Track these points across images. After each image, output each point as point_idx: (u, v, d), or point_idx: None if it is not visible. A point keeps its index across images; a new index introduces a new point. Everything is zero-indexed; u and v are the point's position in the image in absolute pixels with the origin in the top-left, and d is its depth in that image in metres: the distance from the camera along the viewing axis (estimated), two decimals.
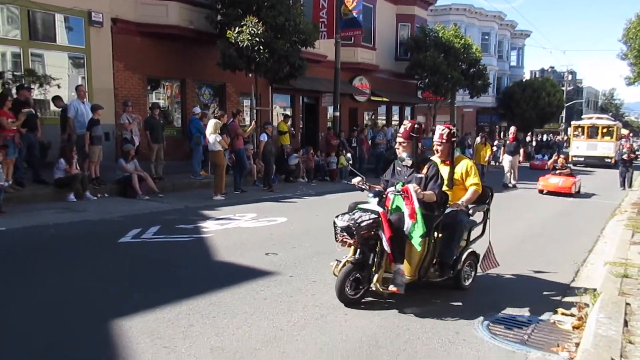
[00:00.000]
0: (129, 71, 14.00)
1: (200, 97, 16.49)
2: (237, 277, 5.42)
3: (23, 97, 10.05)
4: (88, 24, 12.92)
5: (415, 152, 4.89)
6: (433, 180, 4.76)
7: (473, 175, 5.26)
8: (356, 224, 4.46)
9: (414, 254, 4.70)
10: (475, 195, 5.20)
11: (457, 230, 4.98)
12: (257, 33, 13.13)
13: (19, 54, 11.97)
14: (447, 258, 4.95)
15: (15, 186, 9.35)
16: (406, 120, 4.80)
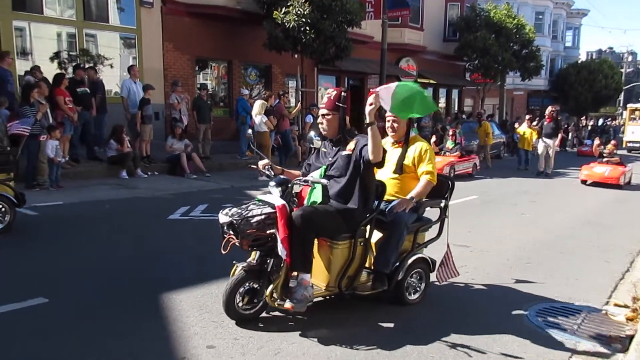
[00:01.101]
0: (178, 51, 14.25)
1: (246, 78, 16.63)
2: None
3: (79, 77, 10.41)
4: (139, 4, 13.20)
5: (343, 126, 3.91)
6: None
7: (427, 161, 4.25)
8: (242, 219, 3.52)
9: (334, 259, 3.81)
10: (428, 188, 4.20)
11: (395, 232, 4.00)
12: (303, 13, 13.08)
13: (74, 34, 12.38)
14: (382, 266, 4.01)
15: (71, 162, 9.75)
16: (331, 88, 3.94)
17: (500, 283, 4.98)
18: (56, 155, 8.48)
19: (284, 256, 3.53)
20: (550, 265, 5.70)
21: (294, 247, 3.56)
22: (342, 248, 3.80)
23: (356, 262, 3.89)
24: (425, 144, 4.38)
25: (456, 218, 7.94)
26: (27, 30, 11.72)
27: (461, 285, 4.86)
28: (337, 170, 3.85)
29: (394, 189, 4.29)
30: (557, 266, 5.69)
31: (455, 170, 12.74)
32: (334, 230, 3.79)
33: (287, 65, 16.26)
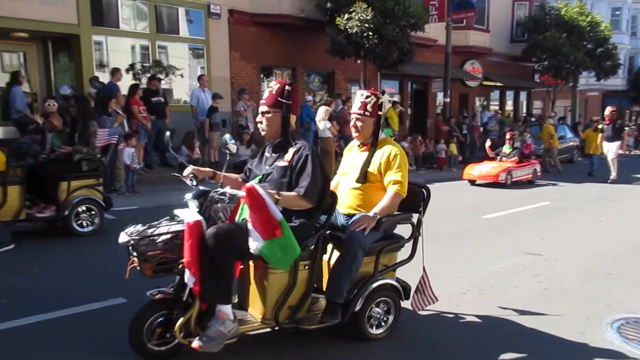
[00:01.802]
0: (244, 60, 14.63)
1: (309, 84, 16.82)
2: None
3: (154, 87, 10.94)
4: (207, 16, 13.68)
5: (285, 127, 3.24)
6: (305, 174, 3.12)
7: (396, 168, 3.50)
8: (142, 239, 2.95)
9: (270, 286, 3.17)
10: (395, 201, 3.48)
11: (348, 254, 3.31)
12: (366, 19, 13.09)
13: (147, 47, 13.01)
14: (333, 294, 3.33)
15: (145, 169, 10.24)
16: (274, 81, 3.37)
17: (576, 295, 4.74)
18: (132, 162, 8.94)
19: (190, 284, 2.93)
20: (635, 277, 5.34)
21: (205, 273, 2.92)
22: (279, 273, 3.15)
23: (299, 289, 3.24)
24: (397, 147, 3.62)
25: (527, 225, 7.70)
26: (105, 43, 12.43)
27: (534, 295, 4.67)
28: (272, 184, 3.18)
29: (356, 200, 3.58)
30: (633, 277, 5.34)
31: (513, 177, 12.14)
32: None
33: (350, 71, 16.31)
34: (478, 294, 4.63)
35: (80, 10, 11.35)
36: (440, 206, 9.18)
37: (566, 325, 3.99)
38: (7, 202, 5.62)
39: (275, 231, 2.85)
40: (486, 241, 6.65)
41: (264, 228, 2.86)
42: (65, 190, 6.01)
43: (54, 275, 4.88)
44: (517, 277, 5.16)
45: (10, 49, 12.08)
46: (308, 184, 3.09)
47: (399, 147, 3.66)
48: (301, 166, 3.14)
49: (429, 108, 20.85)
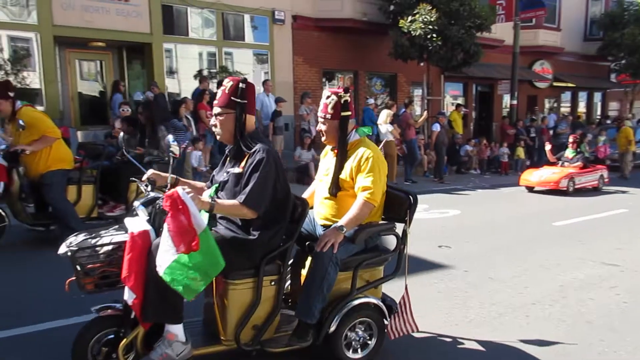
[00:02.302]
0: (307, 65, 14.79)
1: (371, 87, 16.77)
2: (410, 268, 5.40)
3: None
4: (272, 22, 13.95)
5: (240, 130, 2.92)
6: (251, 180, 2.82)
7: (366, 172, 3.15)
8: (81, 249, 2.69)
9: (230, 304, 2.89)
10: (365, 211, 3.12)
11: (317, 270, 3.01)
12: (430, 20, 12.89)
13: (214, 53, 13.43)
14: (302, 314, 3.04)
15: (211, 171, 10.55)
16: (227, 79, 3.00)
17: None
18: (199, 165, 9.24)
19: (130, 300, 2.65)
20: None
21: (150, 289, 2.64)
22: (241, 289, 2.89)
23: (264, 307, 2.96)
24: (371, 149, 3.22)
25: (602, 233, 7.28)
26: (174, 51, 12.96)
27: (612, 309, 4.40)
28: (227, 193, 2.93)
29: (330, 210, 3.28)
30: None
31: (575, 183, 11.22)
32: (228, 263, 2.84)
33: (412, 74, 16.11)
34: (549, 305, 4.43)
35: (152, 20, 11.90)
36: (503, 212, 8.91)
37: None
38: (80, 200, 5.97)
39: (192, 243, 2.49)
40: (557, 249, 6.34)
41: (180, 239, 2.50)
42: (135, 191, 6.28)
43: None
44: (592, 289, 4.89)
45: (89, 57, 12.83)
46: (250, 190, 2.78)
47: (374, 149, 3.27)
48: (250, 171, 2.83)
49: (495, 111, 20.22)
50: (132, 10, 11.59)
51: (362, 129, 3.38)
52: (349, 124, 3.27)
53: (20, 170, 5.62)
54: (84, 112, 12.40)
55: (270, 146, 2.96)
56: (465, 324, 4.01)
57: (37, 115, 5.51)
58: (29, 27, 10.66)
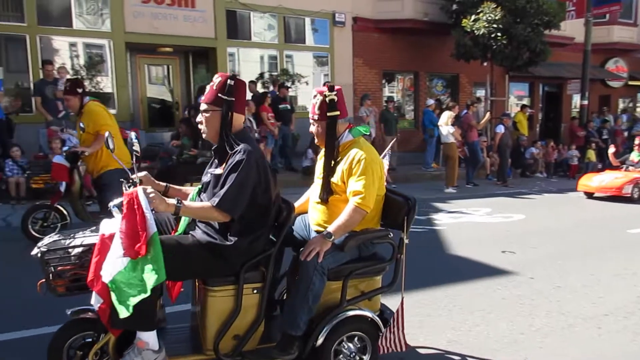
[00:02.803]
0: (367, 66, 14.75)
1: (432, 89, 16.50)
2: (472, 273, 5.30)
3: (282, 95, 11.48)
4: (332, 24, 14.02)
5: (226, 128, 2.77)
6: (227, 181, 2.67)
7: (357, 176, 2.95)
8: (55, 252, 2.63)
9: (209, 312, 2.76)
10: (355, 218, 2.92)
11: (303, 279, 2.86)
12: (494, 19, 12.52)
13: (275, 56, 13.66)
14: (287, 325, 2.89)
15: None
16: (217, 75, 2.86)
17: None
18: None
19: (96, 306, 2.52)
20: None
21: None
22: (220, 296, 2.75)
23: (246, 316, 2.79)
24: (364, 151, 2.99)
25: None
26: (237, 55, 13.30)
27: None
28: (207, 195, 2.81)
29: (322, 216, 3.11)
30: None
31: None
32: (201, 271, 2.78)
33: (475, 74, 15.71)
34: (624, 317, 4.18)
35: (217, 25, 12.27)
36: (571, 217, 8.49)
37: None
38: None
39: (140, 248, 2.37)
40: (634, 258, 5.98)
41: (128, 241, 2.39)
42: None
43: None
44: None
45: (157, 62, 13.41)
46: (225, 192, 2.62)
47: (368, 150, 3.03)
48: (228, 173, 2.67)
49: (563, 111, 19.35)
50: (198, 16, 12.00)
51: (358, 128, 3.15)
52: (337, 124, 3.04)
53: (82, 170, 5.86)
54: (151, 115, 12.98)
55: (256, 147, 2.79)
56: (532, 332, 3.86)
57: (98, 109, 5.45)
58: (102, 34, 11.27)
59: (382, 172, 3.07)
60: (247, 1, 12.59)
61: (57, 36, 10.99)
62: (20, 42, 10.49)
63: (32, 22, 10.38)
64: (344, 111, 3.07)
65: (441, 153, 12.20)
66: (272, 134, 10.65)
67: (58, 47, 11.13)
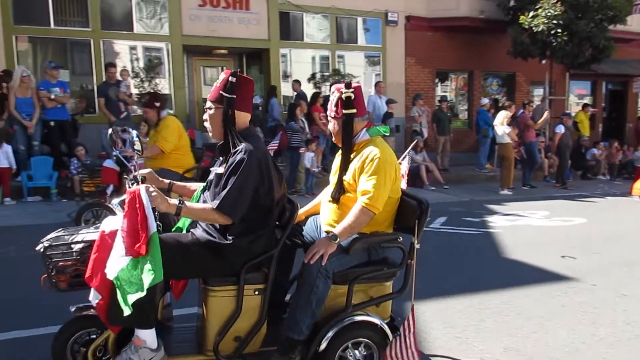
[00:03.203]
0: (419, 65, 14.57)
1: (487, 88, 16.09)
2: (528, 278, 5.12)
3: None
4: (385, 24, 13.92)
5: (228, 126, 2.72)
6: (229, 183, 2.61)
7: (369, 175, 2.83)
8: (57, 248, 2.64)
9: (209, 312, 2.72)
10: (362, 219, 2.81)
11: (305, 282, 2.78)
12: (554, 15, 12.06)
13: (327, 56, 13.71)
14: (289, 329, 2.80)
15: (323, 172, 10.78)
16: (223, 72, 2.80)
17: None
18: (312, 166, 9.49)
19: (94, 302, 2.54)
20: None
21: (115, 291, 2.46)
22: (220, 296, 2.71)
23: (247, 318, 2.73)
24: (379, 149, 2.88)
25: None
26: (289, 55, 13.43)
27: None
28: (210, 193, 2.78)
29: (332, 215, 3.02)
30: None
31: None
32: (200, 269, 2.72)
33: (532, 72, 15.20)
34: None
35: (270, 26, 12.44)
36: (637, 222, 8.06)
37: None
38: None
39: (140, 248, 2.37)
40: None
41: (129, 240, 2.40)
42: None
43: None
44: None
45: (212, 64, 13.74)
46: (226, 195, 2.58)
47: (383, 149, 2.91)
48: (229, 173, 2.62)
49: (628, 110, 18.40)
50: (252, 18, 12.21)
51: (378, 128, 3.05)
52: (354, 122, 2.95)
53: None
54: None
55: (259, 146, 2.72)
56: (595, 342, 3.68)
57: (169, 124, 5.76)
58: (161, 37, 11.67)
59: (397, 174, 2.96)
60: (300, 2, 12.69)
61: (118, 40, 11.47)
62: (85, 46, 11.03)
63: (96, 27, 10.88)
64: (361, 109, 3.00)
65: (496, 154, 11.90)
66: (324, 134, 10.70)
67: (119, 50, 11.63)
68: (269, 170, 2.69)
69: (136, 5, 11.32)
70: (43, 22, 10.48)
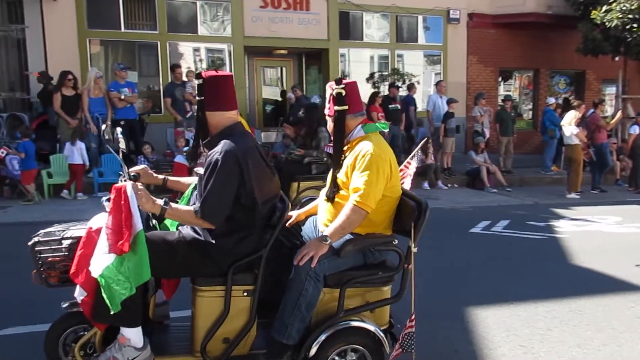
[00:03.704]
0: (482, 64, 14.18)
1: (554, 86, 15.44)
2: (598, 287, 4.86)
3: (392, 94, 11.41)
4: (446, 21, 13.64)
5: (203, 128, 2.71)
6: (208, 187, 2.53)
7: (361, 171, 2.71)
8: (45, 244, 2.64)
9: (197, 312, 2.66)
10: (355, 219, 2.68)
11: (294, 285, 2.67)
12: (630, 9, 11.38)
13: (386, 56, 13.59)
14: (276, 331, 2.70)
15: None
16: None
17: None
18: None
19: (79, 299, 2.51)
20: None
21: (99, 288, 2.41)
22: (208, 297, 2.65)
23: (236, 319, 2.66)
24: (373, 145, 2.75)
25: None
26: (347, 55, 13.42)
27: None
28: (198, 192, 2.71)
29: (327, 215, 2.91)
30: None
31: None
32: (187, 269, 2.67)
33: (604, 70, 14.44)
34: None
35: (330, 26, 12.48)
36: None
37: None
38: None
39: (123, 245, 2.32)
40: None
41: (113, 237, 2.36)
42: (295, 190, 6.59)
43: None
44: None
45: (272, 64, 13.97)
46: (204, 199, 2.51)
47: (378, 145, 2.78)
48: (207, 176, 2.55)
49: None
50: (312, 18, 12.29)
51: (376, 124, 2.95)
52: (346, 119, 2.85)
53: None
54: (266, 115, 13.54)
55: (241, 143, 2.61)
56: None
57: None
58: (224, 39, 11.97)
59: (393, 171, 2.80)
60: (360, 2, 12.65)
61: (183, 42, 11.89)
62: (152, 49, 11.49)
63: (163, 29, 11.30)
64: (354, 106, 2.88)
65: (563, 156, 11.37)
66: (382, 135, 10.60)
67: (183, 51, 12.04)
68: (250, 168, 2.58)
69: (200, 8, 11.67)
70: (114, 26, 11.01)
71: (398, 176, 2.91)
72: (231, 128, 2.69)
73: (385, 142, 2.92)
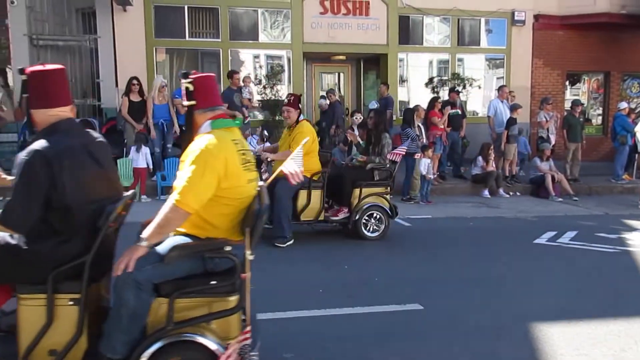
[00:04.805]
0: (548, 67, 13.62)
1: (626, 90, 14.61)
2: None
3: (452, 99, 11.16)
4: (510, 23, 13.21)
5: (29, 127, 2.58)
6: (14, 187, 2.42)
7: (185, 168, 2.54)
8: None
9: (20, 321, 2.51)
10: (173, 217, 2.48)
11: (116, 298, 2.48)
12: None
13: (446, 60, 13.31)
14: (102, 347, 2.49)
15: (439, 179, 10.48)
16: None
17: None
18: (428, 172, 9.24)
19: None
20: None
21: None
22: (30, 305, 2.49)
23: (62, 330, 2.49)
24: (207, 141, 2.58)
25: None
26: (405, 60, 13.25)
27: None
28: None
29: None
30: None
31: None
32: (1, 274, 2.50)
33: None
34: None
35: (389, 31, 12.39)
36: None
37: None
38: (310, 205, 6.31)
39: None
40: None
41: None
42: (357, 197, 6.52)
43: (358, 273, 5.35)
44: None
45: (329, 70, 14.02)
46: (8, 204, 2.31)
47: (218, 142, 2.59)
48: (16, 177, 2.38)
49: None
50: (371, 23, 12.25)
51: (230, 120, 2.79)
52: (194, 114, 2.73)
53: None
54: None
55: (56, 142, 2.40)
56: None
57: (304, 130, 6.10)
58: (283, 45, 12.14)
59: (230, 170, 2.58)
60: (421, 5, 12.48)
61: (244, 49, 12.18)
62: (214, 56, 11.83)
63: (225, 37, 11.61)
64: (202, 101, 2.73)
65: (635, 163, 10.73)
66: (443, 140, 10.41)
67: (244, 58, 12.33)
68: (64, 171, 2.38)
69: (261, 15, 11.89)
70: (179, 34, 11.43)
71: (243, 177, 2.68)
72: (54, 126, 2.49)
73: (230, 141, 2.69)
